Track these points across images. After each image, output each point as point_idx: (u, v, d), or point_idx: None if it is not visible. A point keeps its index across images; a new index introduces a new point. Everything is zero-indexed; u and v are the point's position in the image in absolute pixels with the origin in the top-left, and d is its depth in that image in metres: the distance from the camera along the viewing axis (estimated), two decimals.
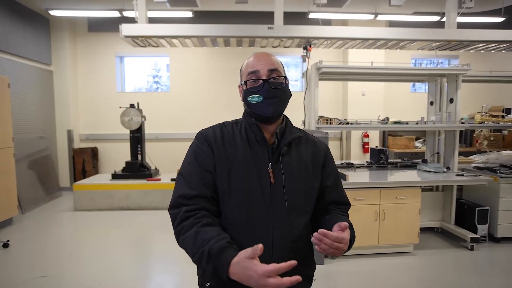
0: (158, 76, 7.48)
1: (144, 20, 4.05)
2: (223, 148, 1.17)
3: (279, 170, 1.16)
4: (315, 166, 1.24)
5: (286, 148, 1.19)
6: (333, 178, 1.29)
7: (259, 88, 1.15)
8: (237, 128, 1.22)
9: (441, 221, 4.15)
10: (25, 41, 5.74)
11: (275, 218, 1.13)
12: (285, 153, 1.19)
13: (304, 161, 1.22)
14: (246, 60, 1.23)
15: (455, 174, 3.77)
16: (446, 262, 3.45)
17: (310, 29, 4.01)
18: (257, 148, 1.18)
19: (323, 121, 3.77)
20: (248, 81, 1.18)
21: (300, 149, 1.23)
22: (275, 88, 1.16)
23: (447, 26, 4.29)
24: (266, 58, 1.19)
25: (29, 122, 5.75)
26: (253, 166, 1.15)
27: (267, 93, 1.15)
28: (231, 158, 1.16)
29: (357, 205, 3.31)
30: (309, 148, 1.25)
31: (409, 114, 6.01)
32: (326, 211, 1.26)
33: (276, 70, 1.18)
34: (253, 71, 1.17)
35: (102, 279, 3.12)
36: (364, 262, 3.41)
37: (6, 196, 4.49)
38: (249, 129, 1.20)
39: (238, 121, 1.26)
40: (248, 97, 1.16)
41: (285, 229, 1.14)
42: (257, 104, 1.15)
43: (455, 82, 4.00)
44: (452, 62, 7.34)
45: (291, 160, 1.19)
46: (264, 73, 1.16)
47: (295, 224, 1.16)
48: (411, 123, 3.99)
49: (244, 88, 1.19)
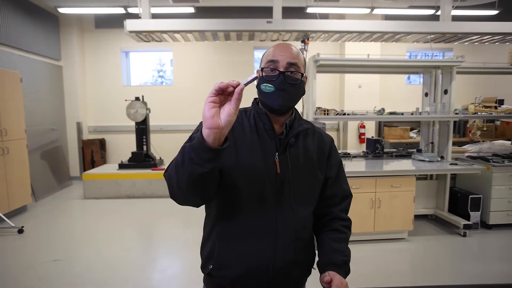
0: (162, 70, 7.36)
1: (148, 15, 3.94)
2: (231, 133, 1.06)
3: (285, 160, 1.10)
4: (321, 158, 1.18)
5: (293, 139, 1.12)
6: (336, 170, 1.22)
7: (274, 78, 1.06)
8: (246, 116, 1.15)
9: (435, 208, 4.04)
10: (36, 38, 5.67)
11: (280, 207, 1.08)
12: (292, 144, 1.12)
13: (310, 153, 1.15)
14: (269, 49, 1.14)
15: (449, 163, 3.65)
16: (439, 248, 3.36)
17: (308, 23, 3.90)
18: (265, 137, 1.11)
19: (321, 112, 3.66)
20: (265, 69, 1.08)
21: (307, 141, 1.16)
22: (290, 83, 1.06)
23: (442, 19, 4.14)
24: (289, 50, 1.08)
25: (41, 115, 5.69)
26: (260, 154, 1.09)
27: (280, 86, 1.05)
28: (239, 143, 1.08)
29: (353, 193, 3.14)
30: (315, 141, 1.19)
31: (404, 105, 5.89)
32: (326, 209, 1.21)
33: (295, 64, 1.07)
34: (272, 60, 1.08)
35: (111, 262, 3.13)
36: (360, 248, 3.32)
37: (20, 185, 4.49)
38: (258, 118, 1.13)
39: (247, 109, 1.18)
40: (262, 84, 1.07)
41: (290, 218, 1.09)
42: (268, 94, 1.06)
43: (449, 73, 3.86)
44: (447, 54, 7.14)
45: (298, 151, 1.13)
46: (283, 64, 1.06)
47: (299, 214, 1.11)
48: (406, 114, 3.86)
49: (260, 75, 1.10)
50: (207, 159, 0.86)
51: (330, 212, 1.20)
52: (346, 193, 1.24)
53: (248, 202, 1.07)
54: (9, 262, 3.13)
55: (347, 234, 1.19)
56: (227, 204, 1.08)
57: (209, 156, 0.85)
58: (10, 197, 4.25)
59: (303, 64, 1.11)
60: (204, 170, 0.86)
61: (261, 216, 1.07)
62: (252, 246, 1.06)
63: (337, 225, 1.19)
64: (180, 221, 4.15)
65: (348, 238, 1.19)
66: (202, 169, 0.86)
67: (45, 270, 2.95)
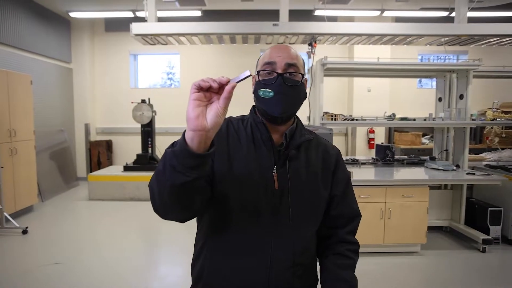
0: (171, 73, 7.26)
1: (154, 19, 3.82)
2: (226, 143, 0.97)
3: (285, 175, 0.96)
4: (325, 173, 1.04)
5: (294, 151, 0.99)
6: (342, 187, 1.07)
7: (272, 81, 0.93)
8: (243, 125, 1.02)
9: (450, 220, 3.74)
10: (47, 41, 5.68)
11: (276, 229, 0.95)
12: (293, 156, 0.98)
13: (313, 167, 1.01)
14: (265, 52, 1.01)
15: (466, 173, 3.37)
16: (455, 264, 3.08)
17: (315, 25, 3.70)
18: (262, 149, 0.97)
19: (328, 117, 3.45)
20: (262, 72, 0.95)
21: (309, 154, 1.02)
22: (289, 85, 0.93)
23: (457, 20, 3.88)
24: (286, 51, 0.97)
25: (50, 116, 5.67)
26: (256, 168, 0.95)
27: (279, 89, 0.92)
28: (233, 153, 0.96)
29: (361, 202, 2.95)
30: (319, 153, 1.05)
31: (415, 109, 5.61)
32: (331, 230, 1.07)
33: (294, 65, 0.95)
34: (269, 61, 0.95)
35: (111, 267, 3.00)
36: (368, 260, 3.08)
37: (27, 185, 4.46)
38: (255, 127, 0.99)
39: (245, 118, 1.05)
40: (259, 90, 0.94)
41: (287, 242, 0.96)
42: (267, 100, 0.93)
43: (465, 77, 3.60)
44: (461, 57, 6.81)
45: (299, 165, 0.99)
46: (281, 66, 0.94)
47: (298, 236, 0.98)
48: (418, 120, 3.61)
49: (257, 79, 0.97)
50: (191, 167, 0.72)
51: (335, 234, 1.06)
52: (354, 213, 1.09)
53: (241, 222, 0.94)
54: (9, 264, 3.06)
55: (354, 260, 1.05)
56: (218, 221, 0.96)
57: (194, 162, 0.72)
58: (17, 197, 4.21)
59: (303, 66, 0.99)
60: (188, 179, 0.73)
61: (255, 238, 0.94)
62: (244, 274, 0.94)
63: (343, 249, 1.05)
64: (183, 225, 3.94)
65: (355, 264, 1.05)
66: (185, 178, 0.73)
67: (44, 273, 2.86)
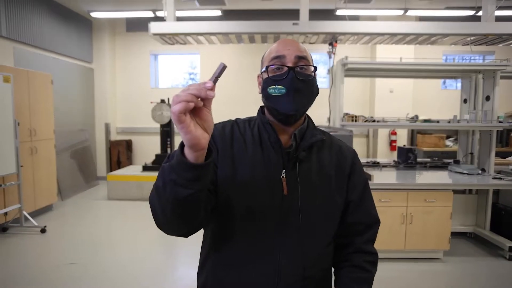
0: (193, 73, 7.31)
1: (173, 18, 3.85)
2: (230, 147, 0.91)
3: (294, 179, 0.88)
4: (340, 176, 0.95)
5: (305, 153, 0.91)
6: (359, 191, 0.98)
7: (283, 76, 0.86)
8: (250, 127, 0.95)
9: (475, 226, 3.61)
10: (69, 41, 5.79)
11: (285, 238, 0.87)
12: (303, 159, 0.91)
13: (326, 170, 0.93)
14: (270, 48, 0.94)
15: (492, 177, 3.25)
16: (480, 272, 2.97)
17: (336, 25, 3.63)
18: (270, 151, 0.90)
19: (348, 118, 3.39)
20: (271, 67, 0.89)
21: (322, 155, 0.94)
22: (302, 79, 0.87)
23: (484, 19, 3.74)
24: (295, 44, 0.90)
25: (71, 116, 5.79)
26: (263, 172, 0.88)
27: (292, 84, 0.86)
28: (237, 160, 0.89)
29: (382, 207, 2.91)
30: (333, 155, 0.96)
31: (439, 111, 5.46)
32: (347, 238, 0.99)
33: (305, 58, 0.89)
34: (277, 56, 0.89)
35: (127, 267, 3.02)
36: (388, 267, 3.00)
37: (47, 184, 4.53)
38: (262, 128, 0.93)
39: (252, 119, 0.99)
40: (269, 87, 0.87)
41: (296, 253, 0.88)
42: (278, 98, 0.86)
43: (492, 78, 3.46)
44: (488, 57, 6.57)
45: (311, 168, 0.91)
46: (291, 59, 0.87)
47: (309, 247, 0.89)
48: (442, 122, 3.50)
49: (265, 76, 0.90)
50: (192, 179, 0.69)
51: (352, 243, 0.98)
52: (373, 220, 1.01)
53: (246, 232, 0.88)
54: (27, 264, 3.09)
55: (371, 273, 0.97)
56: (221, 231, 0.91)
57: (194, 174, 0.68)
58: (37, 196, 4.29)
59: (311, 59, 0.93)
60: (190, 192, 0.70)
61: (261, 249, 0.87)
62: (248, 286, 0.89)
63: (360, 260, 0.97)
64: None
65: (372, 278, 0.97)
66: (187, 191, 0.70)
67: (60, 273, 2.88)
